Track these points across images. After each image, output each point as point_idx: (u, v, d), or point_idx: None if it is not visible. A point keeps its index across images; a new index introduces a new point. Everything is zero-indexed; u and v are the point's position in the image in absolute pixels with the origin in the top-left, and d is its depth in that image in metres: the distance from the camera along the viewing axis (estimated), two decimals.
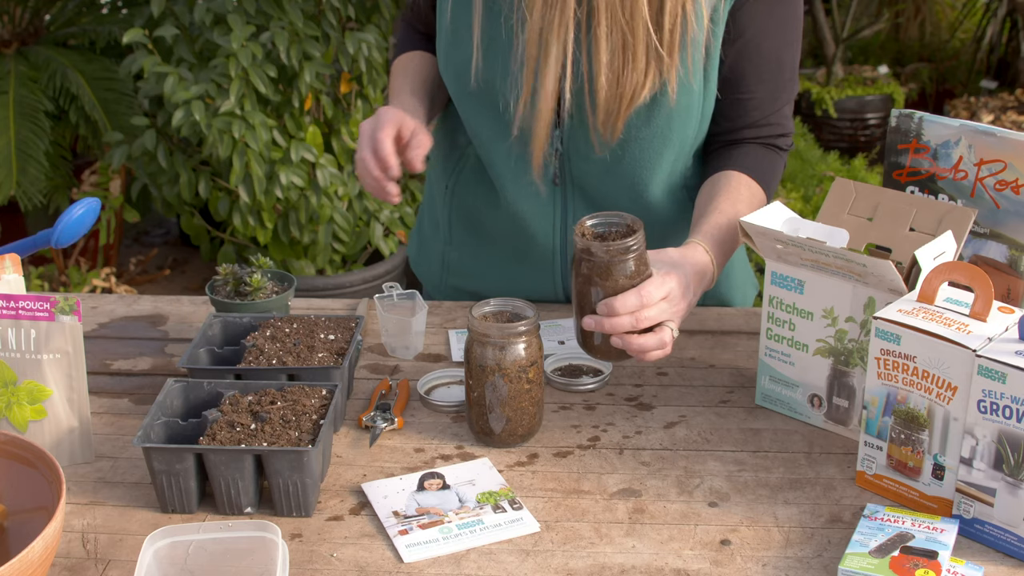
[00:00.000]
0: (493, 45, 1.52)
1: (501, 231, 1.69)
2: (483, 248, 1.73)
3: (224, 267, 1.59)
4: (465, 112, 1.62)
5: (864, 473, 1.28)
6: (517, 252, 1.69)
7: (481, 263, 1.75)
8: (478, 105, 1.59)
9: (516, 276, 1.71)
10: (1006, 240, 1.36)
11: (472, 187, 1.70)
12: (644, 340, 1.32)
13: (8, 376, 1.30)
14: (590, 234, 1.33)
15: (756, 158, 1.59)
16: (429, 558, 1.17)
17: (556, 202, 1.63)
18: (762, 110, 1.59)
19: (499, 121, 1.57)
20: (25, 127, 3.54)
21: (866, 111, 5.38)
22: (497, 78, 1.54)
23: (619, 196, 1.61)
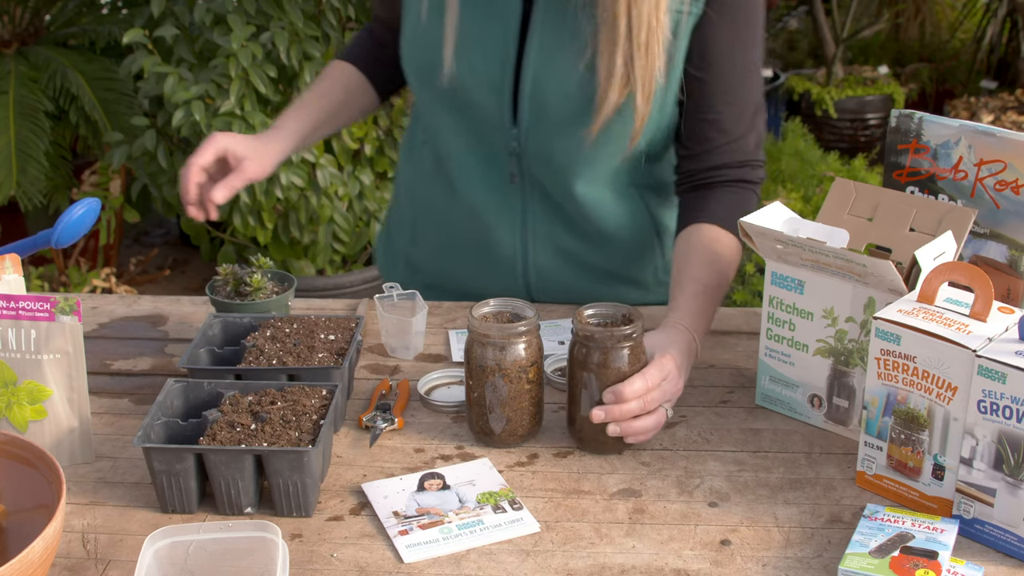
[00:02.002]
0: (460, 42, 1.55)
1: (463, 229, 1.70)
2: (447, 247, 1.75)
3: (224, 267, 1.59)
4: (428, 109, 1.65)
5: (864, 473, 1.28)
6: (480, 251, 1.71)
7: (446, 262, 1.76)
8: (443, 102, 1.61)
9: (481, 276, 1.72)
10: (1006, 240, 1.36)
11: (432, 187, 1.72)
12: (643, 423, 1.31)
13: (8, 376, 1.30)
14: (590, 323, 1.34)
15: (728, 204, 1.57)
16: (429, 558, 1.17)
17: (515, 200, 1.65)
18: (730, 132, 1.58)
19: (463, 118, 1.61)
20: (25, 127, 3.54)
21: (866, 111, 5.38)
22: (466, 76, 1.57)
23: (571, 196, 1.63)
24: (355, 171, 3.52)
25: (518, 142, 1.60)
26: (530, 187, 1.64)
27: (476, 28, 1.56)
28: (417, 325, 1.57)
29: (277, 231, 3.53)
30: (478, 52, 1.56)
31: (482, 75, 1.57)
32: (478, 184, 1.65)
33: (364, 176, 3.53)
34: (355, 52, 1.81)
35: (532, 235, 1.68)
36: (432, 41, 1.57)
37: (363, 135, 3.51)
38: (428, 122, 1.68)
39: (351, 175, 3.51)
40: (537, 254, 1.69)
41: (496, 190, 1.65)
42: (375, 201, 3.58)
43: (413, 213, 1.77)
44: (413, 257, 1.81)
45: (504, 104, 1.57)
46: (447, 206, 1.70)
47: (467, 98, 1.59)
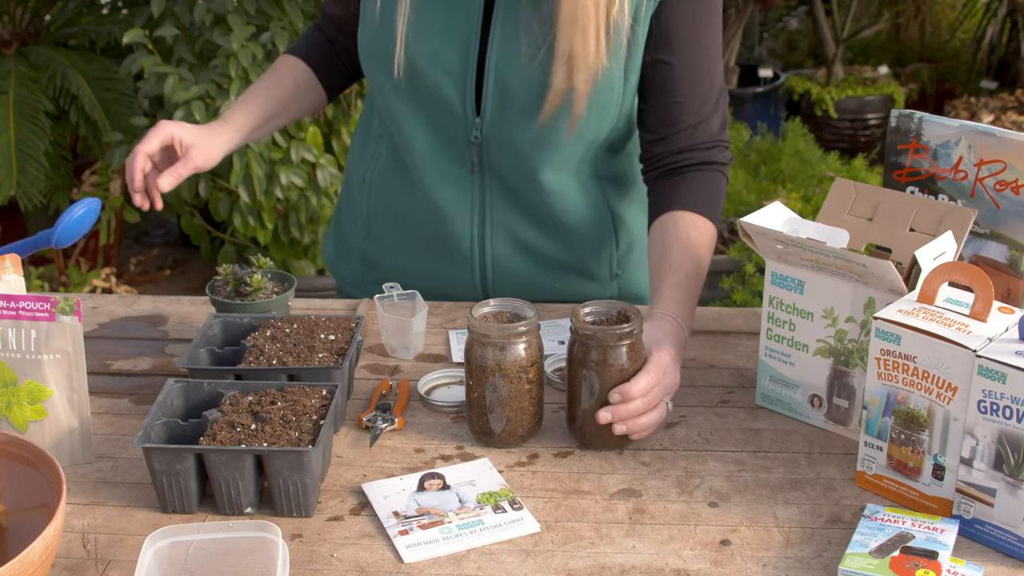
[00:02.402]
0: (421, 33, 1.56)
1: (420, 222, 1.71)
2: (402, 241, 1.75)
3: (224, 267, 1.59)
4: (387, 102, 1.65)
5: (864, 473, 1.28)
6: (436, 244, 1.71)
7: (401, 257, 1.76)
8: (403, 94, 1.62)
9: (436, 269, 1.72)
10: (1006, 240, 1.36)
11: (389, 179, 1.72)
12: (647, 419, 1.32)
13: (8, 376, 1.30)
14: (588, 321, 1.34)
15: (698, 189, 1.58)
16: (429, 558, 1.17)
17: (474, 190, 1.66)
18: (695, 115, 1.59)
19: (424, 109, 1.62)
20: (25, 127, 3.54)
21: (866, 111, 5.38)
22: (424, 65, 1.58)
23: (534, 186, 1.64)
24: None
25: (480, 131, 1.61)
26: (490, 178, 1.65)
27: (438, 18, 1.57)
28: (417, 325, 1.57)
29: (277, 231, 3.53)
30: (440, 42, 1.57)
31: (445, 65, 1.58)
32: (437, 176, 1.66)
33: None
34: (305, 49, 1.81)
35: (490, 227, 1.68)
36: (392, 32, 1.58)
37: None
38: (386, 115, 1.68)
39: None
40: (494, 246, 1.69)
41: (455, 181, 1.66)
42: None
43: (368, 207, 1.77)
44: (367, 252, 1.80)
45: (467, 94, 1.59)
46: (404, 199, 1.70)
47: (429, 89, 1.60)
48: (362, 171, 1.77)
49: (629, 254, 1.76)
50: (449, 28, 1.57)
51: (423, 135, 1.64)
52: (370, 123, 1.77)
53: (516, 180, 1.65)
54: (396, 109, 1.64)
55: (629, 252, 1.76)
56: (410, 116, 1.63)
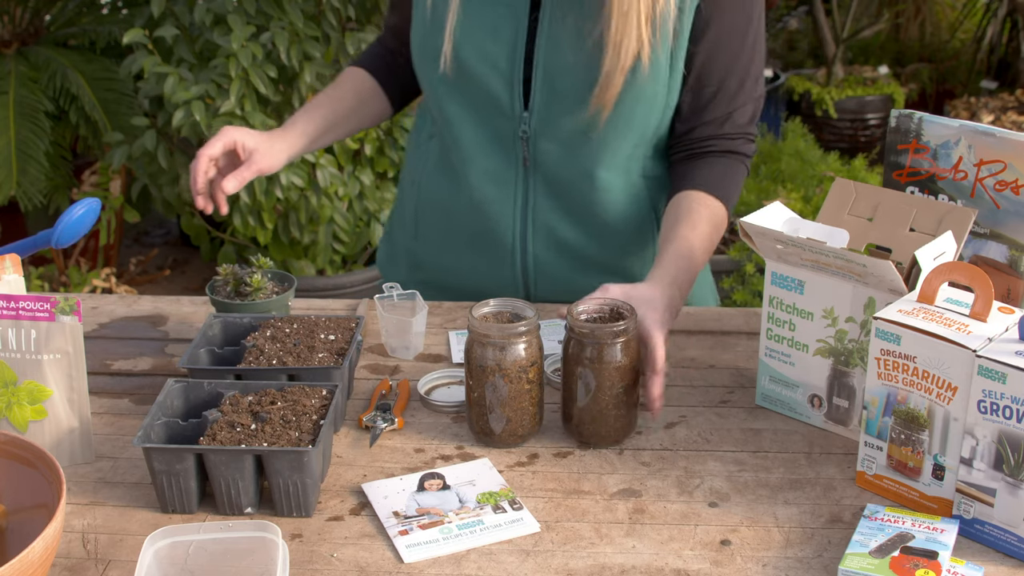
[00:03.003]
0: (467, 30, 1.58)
1: (464, 220, 1.72)
2: (448, 240, 1.76)
3: (224, 267, 1.59)
4: (437, 100, 1.66)
5: (864, 473, 1.28)
6: (479, 242, 1.72)
7: (446, 256, 1.77)
8: (452, 91, 1.63)
9: (479, 268, 1.73)
10: (1006, 240, 1.36)
11: (437, 178, 1.73)
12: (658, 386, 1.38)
13: (8, 376, 1.30)
14: (582, 319, 1.35)
15: (717, 172, 1.61)
16: (429, 558, 1.17)
17: (518, 188, 1.67)
18: (727, 104, 1.62)
19: (469, 105, 1.63)
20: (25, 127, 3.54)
21: (866, 111, 5.38)
22: (471, 61, 1.59)
23: (579, 182, 1.65)
24: (355, 171, 3.52)
25: (529, 126, 1.61)
26: (536, 174, 1.65)
27: (484, 13, 1.58)
28: (417, 325, 1.57)
29: (277, 231, 3.53)
30: (487, 37, 1.58)
31: (492, 60, 1.59)
32: (483, 173, 1.67)
33: (364, 176, 3.53)
34: (368, 60, 1.83)
35: (532, 225, 1.69)
36: (441, 30, 1.59)
37: (363, 135, 3.51)
38: (436, 114, 1.69)
39: (351, 175, 3.51)
40: (536, 245, 1.70)
41: (501, 178, 1.66)
42: (375, 201, 3.58)
43: (416, 207, 1.78)
44: (415, 252, 1.81)
45: (515, 88, 1.59)
46: (451, 197, 1.71)
47: (477, 85, 1.61)
48: (413, 173, 1.79)
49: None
50: (495, 23, 1.58)
51: (471, 132, 1.65)
52: (423, 126, 1.78)
53: (565, 176, 1.65)
54: (446, 107, 1.65)
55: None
56: (458, 113, 1.64)
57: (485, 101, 1.62)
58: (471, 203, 1.69)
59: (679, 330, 1.66)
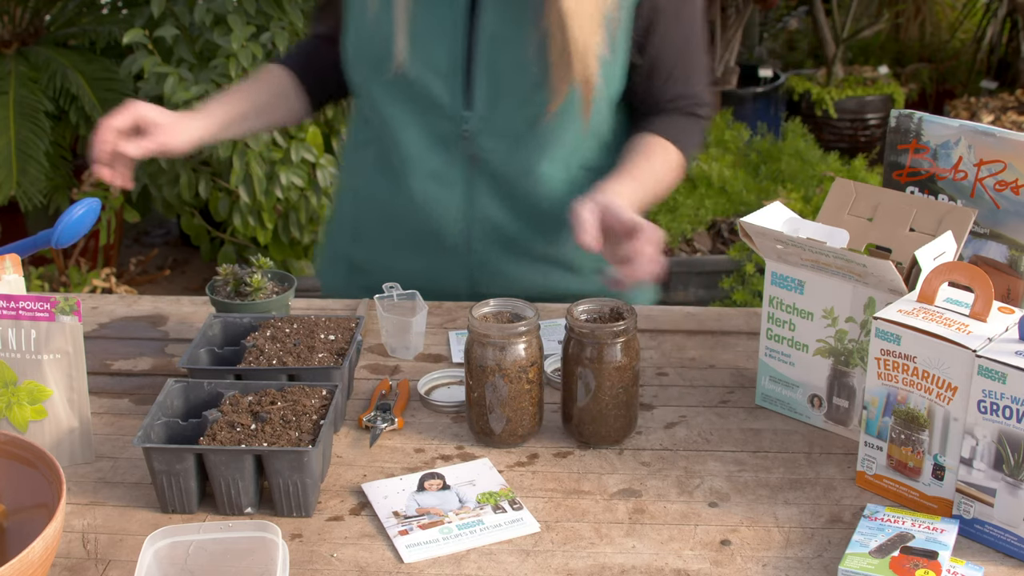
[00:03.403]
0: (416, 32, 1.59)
1: (408, 222, 1.72)
2: (391, 241, 1.76)
3: (224, 267, 1.59)
4: (376, 104, 1.67)
5: (864, 473, 1.28)
6: (424, 243, 1.72)
7: (389, 258, 1.77)
8: (393, 95, 1.64)
9: (425, 268, 1.73)
10: (1006, 240, 1.36)
11: (377, 182, 1.73)
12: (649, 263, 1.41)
13: (8, 376, 1.30)
14: (582, 319, 1.35)
15: (675, 123, 1.68)
16: (429, 558, 1.17)
17: (461, 185, 1.68)
18: (682, 86, 1.68)
19: (408, 107, 1.64)
20: (25, 127, 3.54)
21: (866, 111, 5.38)
22: (417, 64, 1.60)
23: (522, 177, 1.67)
24: None
25: (471, 125, 1.62)
26: (479, 173, 1.67)
27: (424, 15, 1.59)
28: (417, 325, 1.57)
29: (277, 231, 3.53)
30: (428, 39, 1.59)
31: (432, 62, 1.60)
32: (425, 173, 1.68)
33: None
34: (292, 60, 1.81)
35: (477, 223, 1.70)
36: (381, 34, 1.60)
37: None
38: (374, 116, 1.69)
39: None
40: (481, 243, 1.71)
41: (443, 178, 1.67)
42: None
43: (355, 212, 1.79)
44: (356, 257, 1.81)
45: (456, 88, 1.61)
46: (393, 199, 1.72)
47: (417, 87, 1.62)
48: (351, 179, 1.80)
49: None
50: (435, 25, 1.59)
51: (412, 134, 1.66)
52: (358, 131, 1.79)
53: (508, 172, 1.66)
54: (385, 110, 1.66)
55: None
56: (398, 116, 1.65)
57: (426, 102, 1.63)
58: (414, 204, 1.70)
59: (679, 330, 1.66)
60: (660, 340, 1.63)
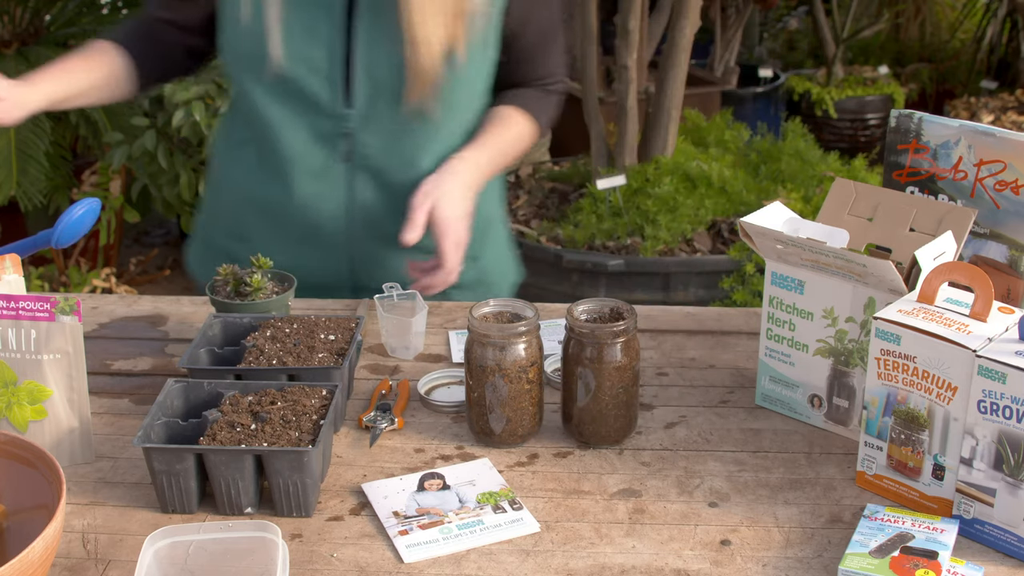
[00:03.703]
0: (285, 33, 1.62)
1: (292, 218, 1.74)
2: (275, 239, 1.77)
3: (224, 267, 1.59)
4: (256, 103, 1.69)
5: (864, 473, 1.28)
6: (308, 239, 1.75)
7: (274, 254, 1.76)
8: (273, 94, 1.66)
9: (307, 263, 1.74)
10: (1006, 240, 1.36)
11: (260, 181, 1.75)
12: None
13: (8, 376, 1.30)
14: (582, 319, 1.35)
15: (527, 96, 1.78)
16: (429, 558, 1.17)
17: (343, 182, 1.71)
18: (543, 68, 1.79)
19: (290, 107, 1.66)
20: (25, 127, 3.54)
21: (866, 111, 5.38)
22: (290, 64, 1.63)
23: (401, 172, 1.70)
24: None
25: (351, 124, 1.66)
26: (361, 170, 1.70)
27: (301, 16, 1.61)
28: (417, 325, 1.57)
29: None
30: (305, 40, 1.62)
31: (311, 62, 1.63)
32: (308, 172, 1.70)
33: None
34: (129, 41, 1.77)
35: (358, 219, 1.73)
36: (259, 33, 1.62)
37: None
38: (254, 117, 1.71)
39: None
40: (362, 238, 1.74)
41: (326, 176, 1.70)
42: None
43: (236, 210, 1.80)
44: (238, 254, 1.81)
45: (336, 87, 1.64)
46: (276, 198, 1.73)
47: (297, 86, 1.64)
48: (228, 177, 1.81)
49: (485, 237, 1.82)
50: (312, 25, 1.62)
51: (293, 133, 1.68)
52: (232, 129, 1.80)
53: (388, 167, 1.70)
54: (265, 110, 1.68)
55: (485, 235, 1.82)
56: (279, 116, 1.67)
57: (306, 102, 1.65)
58: (297, 202, 1.72)
59: (679, 330, 1.66)
60: (660, 340, 1.63)
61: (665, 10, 4.14)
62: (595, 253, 3.46)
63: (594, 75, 3.83)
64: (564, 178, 4.10)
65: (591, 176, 3.84)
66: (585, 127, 3.87)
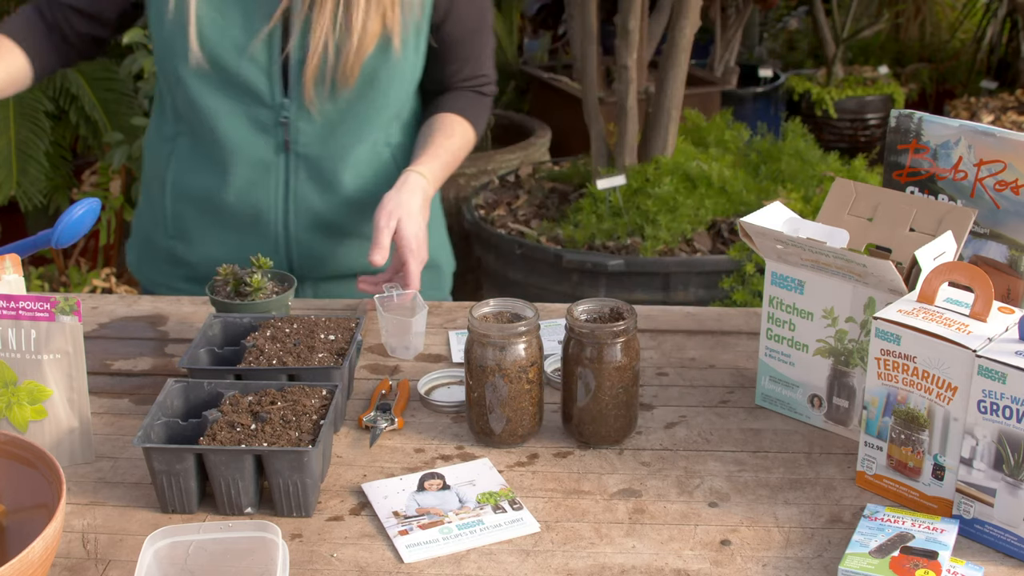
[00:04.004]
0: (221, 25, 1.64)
1: (230, 210, 1.76)
2: (213, 232, 1.79)
3: (224, 267, 1.59)
4: (190, 96, 1.70)
5: (864, 473, 1.28)
6: (246, 230, 1.77)
7: (212, 247, 1.80)
8: (208, 87, 1.68)
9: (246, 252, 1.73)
10: (1006, 240, 1.36)
11: (194, 174, 1.77)
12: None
13: (8, 376, 1.30)
14: (582, 319, 1.35)
15: (466, 101, 1.83)
16: (429, 558, 1.17)
17: (280, 170, 1.73)
18: (472, 65, 1.83)
19: (228, 98, 1.68)
20: (25, 127, 3.54)
21: (866, 111, 5.38)
22: (227, 55, 1.65)
23: (335, 160, 1.74)
24: None
25: (289, 112, 1.68)
26: (296, 158, 1.72)
27: (236, 6, 1.64)
28: (417, 325, 1.57)
29: None
30: (241, 30, 1.64)
31: (248, 52, 1.65)
32: (246, 161, 1.72)
33: None
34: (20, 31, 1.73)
35: (294, 207, 1.75)
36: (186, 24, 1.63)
37: None
38: (188, 110, 1.71)
39: None
40: (298, 226, 1.76)
41: (264, 165, 1.72)
42: None
43: (172, 205, 1.81)
44: (176, 250, 1.84)
45: (273, 76, 1.66)
46: (213, 190, 1.75)
47: (234, 76, 1.66)
48: (160, 172, 1.81)
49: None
50: (248, 15, 1.64)
51: (230, 123, 1.70)
52: (163, 124, 1.80)
53: (324, 155, 1.72)
54: (201, 101, 1.69)
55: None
56: (215, 106, 1.69)
57: (244, 92, 1.67)
58: (235, 193, 1.74)
59: (679, 330, 1.66)
60: (660, 340, 1.63)
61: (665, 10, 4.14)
62: (595, 253, 3.46)
63: (594, 75, 3.83)
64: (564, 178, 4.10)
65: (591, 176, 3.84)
66: (585, 127, 3.87)
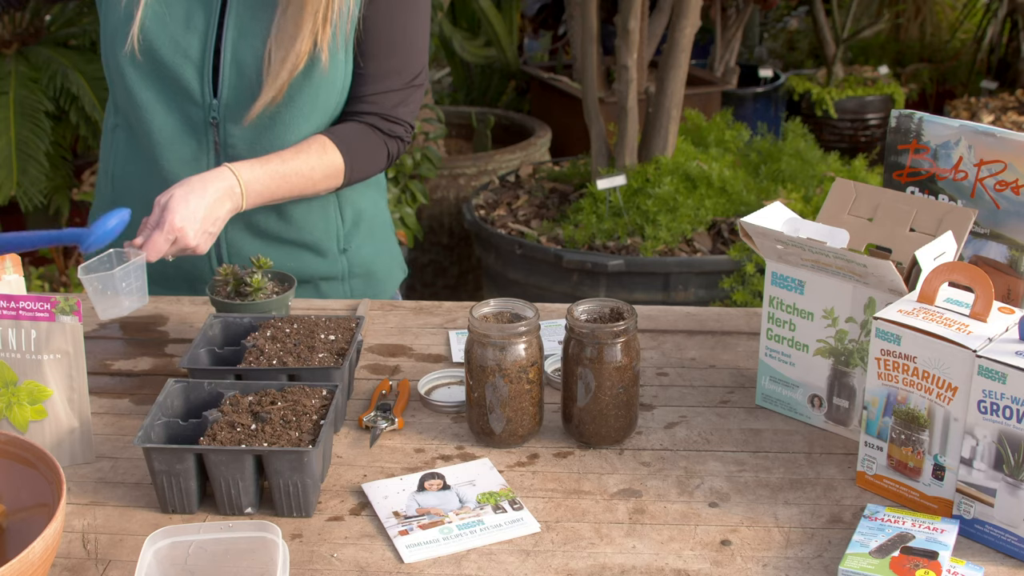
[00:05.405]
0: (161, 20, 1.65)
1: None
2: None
3: (224, 267, 1.59)
4: (128, 88, 1.71)
5: (864, 473, 1.28)
6: None
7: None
8: (144, 80, 1.69)
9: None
10: (1006, 240, 1.36)
11: (131, 167, 1.78)
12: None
13: (8, 376, 1.30)
14: (583, 319, 1.35)
15: (350, 132, 1.72)
16: (429, 558, 1.17)
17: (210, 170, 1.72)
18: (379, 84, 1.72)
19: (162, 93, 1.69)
20: (25, 127, 3.54)
21: (866, 111, 5.39)
22: (164, 50, 1.66)
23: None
24: None
25: (218, 112, 1.69)
26: (226, 159, 1.71)
27: (179, 4, 1.65)
28: (122, 277, 1.45)
29: None
30: (180, 28, 1.65)
31: (184, 50, 1.66)
32: (176, 159, 1.72)
33: None
34: None
35: None
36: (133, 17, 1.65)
37: None
38: (126, 101, 1.73)
39: None
40: (229, 228, 1.75)
41: (194, 164, 1.72)
42: None
43: (113, 197, 1.82)
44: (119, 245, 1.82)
45: (205, 76, 1.67)
46: (147, 185, 1.75)
47: (169, 74, 1.67)
48: (106, 164, 1.83)
49: (356, 229, 1.84)
50: (188, 13, 1.65)
51: (162, 119, 1.70)
52: (109, 114, 1.83)
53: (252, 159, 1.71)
54: (136, 94, 1.70)
55: (356, 227, 1.84)
56: (149, 100, 1.70)
57: (176, 88, 1.68)
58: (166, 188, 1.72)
59: (679, 330, 1.66)
60: (660, 340, 1.63)
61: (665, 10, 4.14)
62: (595, 253, 3.46)
63: (594, 75, 3.83)
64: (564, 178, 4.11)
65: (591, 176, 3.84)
66: (585, 127, 3.87)
